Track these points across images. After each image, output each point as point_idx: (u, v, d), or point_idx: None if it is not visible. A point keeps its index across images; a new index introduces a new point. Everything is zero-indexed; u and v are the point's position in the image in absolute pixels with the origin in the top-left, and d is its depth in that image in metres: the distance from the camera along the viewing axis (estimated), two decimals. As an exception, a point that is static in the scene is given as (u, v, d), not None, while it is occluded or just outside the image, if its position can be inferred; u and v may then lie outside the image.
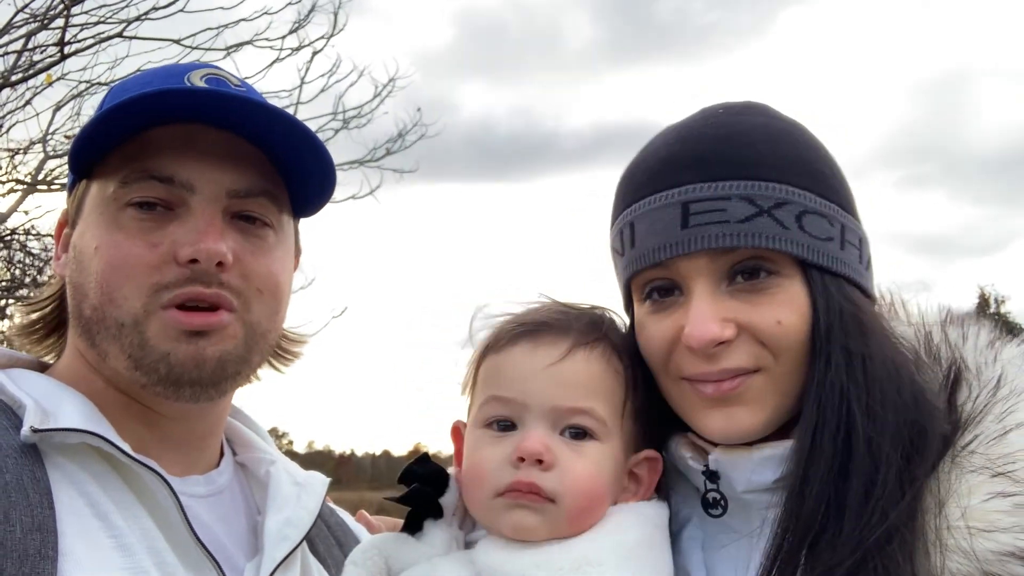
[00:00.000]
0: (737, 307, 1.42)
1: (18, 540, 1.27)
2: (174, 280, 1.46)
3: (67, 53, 8.30)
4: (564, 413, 1.46)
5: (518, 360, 1.50)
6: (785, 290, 1.43)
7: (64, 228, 1.63)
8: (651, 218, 1.47)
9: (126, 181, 1.49)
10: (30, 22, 8.28)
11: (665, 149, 1.51)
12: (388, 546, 1.54)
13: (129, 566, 1.36)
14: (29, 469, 1.36)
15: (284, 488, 1.65)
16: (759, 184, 1.43)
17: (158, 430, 1.55)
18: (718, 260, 1.43)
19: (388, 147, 10.62)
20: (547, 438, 1.45)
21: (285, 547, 1.56)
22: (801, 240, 1.43)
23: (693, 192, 1.44)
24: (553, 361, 1.48)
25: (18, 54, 8.39)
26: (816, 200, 1.46)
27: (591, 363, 1.49)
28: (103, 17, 8.41)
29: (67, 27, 8.18)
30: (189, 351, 1.46)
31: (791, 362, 1.43)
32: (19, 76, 8.43)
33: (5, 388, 1.48)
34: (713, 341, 1.40)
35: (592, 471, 1.45)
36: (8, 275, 10.12)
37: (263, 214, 1.57)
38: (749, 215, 1.42)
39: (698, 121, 1.54)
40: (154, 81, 1.59)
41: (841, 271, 1.46)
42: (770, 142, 1.48)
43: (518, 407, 1.48)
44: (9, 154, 9.60)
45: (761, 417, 1.44)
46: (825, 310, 1.43)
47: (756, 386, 1.43)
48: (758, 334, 1.42)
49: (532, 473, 1.43)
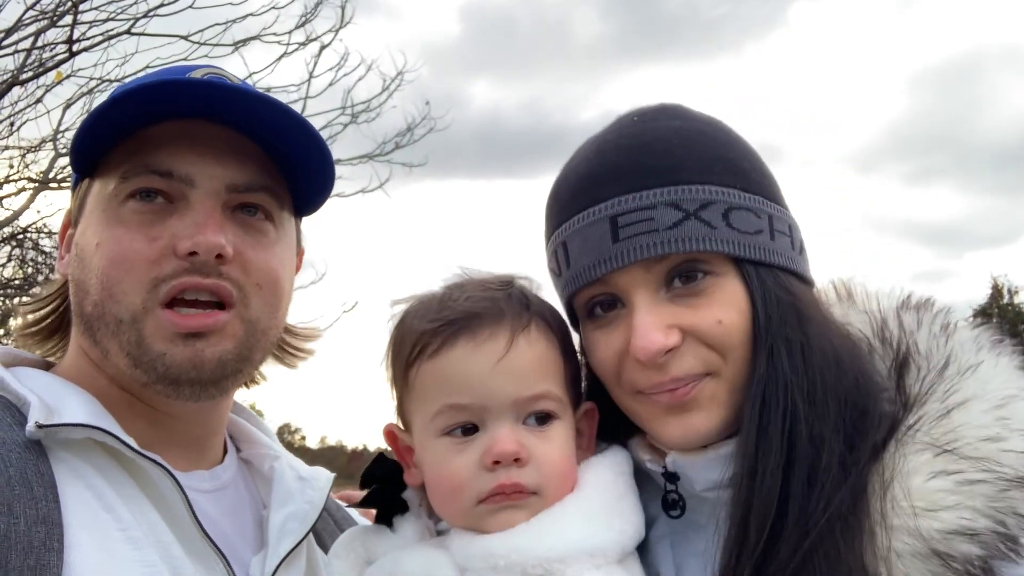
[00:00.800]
0: (678, 312, 1.43)
1: (23, 532, 1.27)
2: (172, 272, 1.45)
3: (76, 50, 8.31)
4: (525, 403, 1.45)
5: (463, 362, 1.45)
6: (722, 288, 1.44)
7: (68, 228, 1.63)
8: (582, 236, 1.47)
9: (126, 176, 1.49)
10: (39, 20, 8.30)
11: (584, 165, 1.52)
12: (367, 538, 1.55)
13: (137, 559, 1.36)
14: (34, 464, 1.36)
15: (288, 483, 1.65)
16: (682, 188, 1.44)
17: (162, 428, 1.55)
18: (652, 269, 1.44)
19: (397, 141, 10.60)
20: (515, 433, 1.43)
21: (290, 541, 1.56)
22: (730, 237, 1.44)
23: (619, 205, 1.44)
24: (500, 356, 1.44)
25: (27, 52, 8.41)
26: (740, 195, 1.47)
27: (534, 345, 1.48)
28: (112, 14, 8.42)
29: (76, 24, 8.20)
30: (186, 353, 1.45)
31: (738, 360, 1.44)
32: (29, 74, 8.45)
33: (9, 385, 1.48)
34: (660, 351, 1.41)
35: (562, 452, 1.47)
36: (21, 273, 10.16)
37: (263, 208, 1.56)
38: (676, 220, 1.42)
39: (613, 132, 1.54)
40: (158, 74, 1.60)
41: (774, 261, 1.47)
42: (687, 145, 1.49)
43: (477, 410, 1.44)
44: (20, 152, 9.63)
45: (716, 420, 1.44)
46: (763, 303, 1.44)
47: (708, 390, 1.44)
48: (702, 336, 1.43)
49: (512, 473, 1.42)
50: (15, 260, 10.19)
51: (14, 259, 10.17)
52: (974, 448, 1.31)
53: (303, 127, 1.53)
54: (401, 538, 1.52)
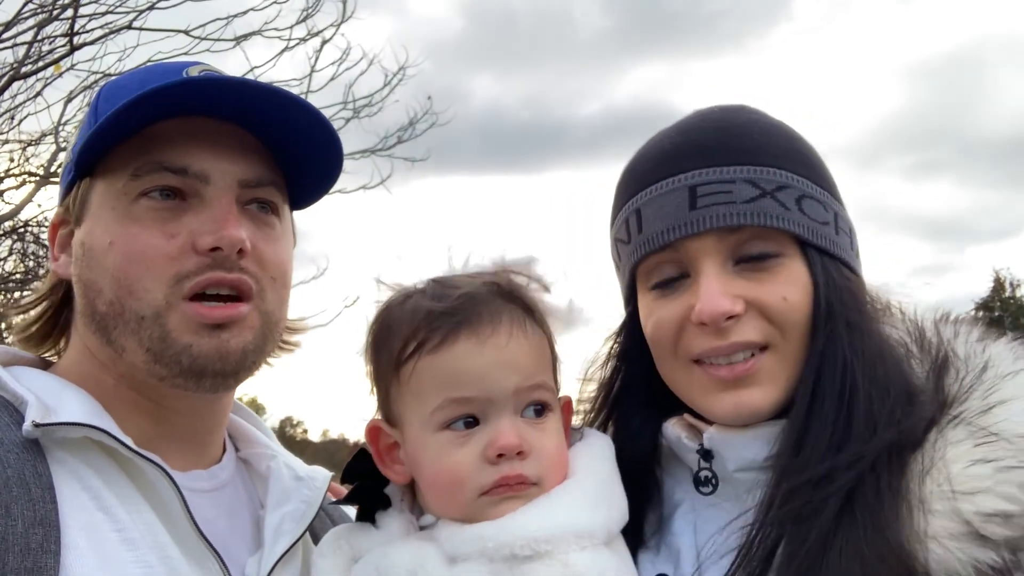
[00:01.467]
0: (744, 285, 1.48)
1: (20, 534, 1.27)
2: (195, 268, 1.47)
3: (77, 44, 8.30)
4: (526, 392, 1.48)
5: (469, 356, 1.46)
6: (788, 268, 1.50)
7: (59, 229, 1.61)
8: (658, 203, 1.53)
9: (137, 174, 1.49)
10: (39, 13, 8.28)
11: (668, 141, 1.59)
12: (351, 536, 1.55)
13: (133, 559, 1.37)
14: (31, 464, 1.35)
15: (285, 483, 1.65)
16: (761, 169, 1.51)
17: (163, 425, 1.55)
18: (725, 240, 1.50)
19: (399, 136, 10.60)
20: (516, 426, 1.46)
21: (286, 541, 1.56)
22: (802, 221, 1.51)
23: (699, 176, 1.51)
24: (504, 347, 1.47)
25: (28, 46, 8.39)
26: (812, 186, 1.54)
27: (530, 337, 1.51)
28: (112, 7, 8.40)
29: (76, 18, 8.18)
30: (212, 344, 1.47)
31: (796, 339, 1.49)
32: (29, 68, 8.44)
33: (7, 384, 1.47)
34: (724, 315, 1.46)
35: (557, 443, 1.51)
36: (22, 267, 10.16)
37: (271, 203, 1.58)
38: (753, 196, 1.49)
39: (696, 118, 1.63)
40: (150, 79, 1.58)
41: (837, 253, 1.54)
42: (766, 133, 1.57)
43: (481, 403, 1.46)
44: (21, 146, 9.63)
45: (772, 397, 1.49)
46: (825, 287, 1.50)
47: (767, 366, 1.48)
48: (765, 310, 1.48)
49: (515, 465, 1.44)
50: (16, 254, 10.19)
51: (15, 253, 10.17)
52: (1013, 440, 1.35)
53: (307, 110, 1.54)
54: (385, 534, 1.52)
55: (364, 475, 1.56)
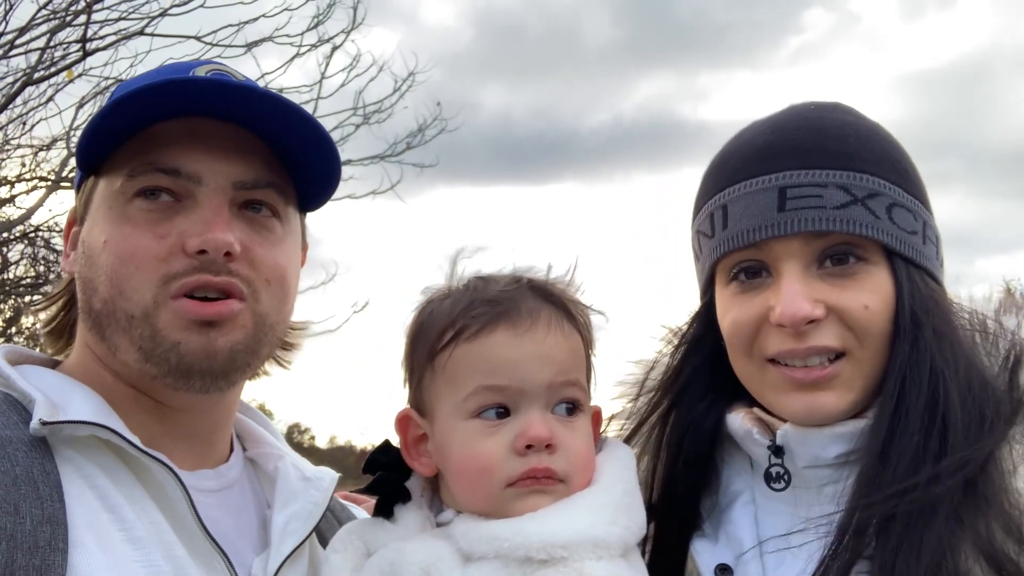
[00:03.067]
0: (826, 290, 1.48)
1: (28, 532, 1.27)
2: (183, 270, 1.46)
3: (89, 50, 8.36)
4: (560, 387, 1.48)
5: (505, 346, 1.47)
6: (872, 276, 1.50)
7: (73, 226, 1.63)
8: (747, 201, 1.53)
9: (132, 174, 1.49)
10: (52, 19, 8.34)
11: (761, 138, 1.58)
12: (365, 531, 1.55)
13: (139, 559, 1.37)
14: (39, 462, 1.36)
15: (292, 483, 1.65)
16: (854, 175, 1.50)
17: (168, 424, 1.55)
18: (811, 243, 1.49)
19: (408, 142, 10.64)
20: (548, 421, 1.46)
21: (292, 541, 1.56)
22: (890, 230, 1.50)
23: (790, 178, 1.51)
24: (540, 341, 1.48)
25: (40, 51, 8.46)
26: (903, 195, 1.53)
27: (567, 337, 1.51)
28: (124, 13, 8.47)
29: (89, 24, 8.24)
30: (200, 342, 1.46)
31: (874, 347, 1.49)
32: (41, 73, 8.50)
33: (15, 383, 1.48)
34: (805, 318, 1.46)
35: (587, 444, 1.51)
36: (33, 271, 10.22)
37: (268, 205, 1.57)
38: (844, 203, 1.48)
39: (791, 115, 1.61)
40: (162, 71, 1.60)
41: (922, 263, 1.53)
42: (861, 137, 1.55)
43: (513, 393, 1.46)
44: (33, 151, 9.69)
45: (847, 402, 1.50)
46: (910, 296, 1.49)
47: (844, 372, 1.49)
48: (845, 317, 1.48)
49: (544, 458, 1.44)
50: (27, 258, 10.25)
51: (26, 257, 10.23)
52: None
53: (308, 122, 1.53)
54: (402, 528, 1.52)
55: (386, 467, 1.56)
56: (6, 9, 8.35)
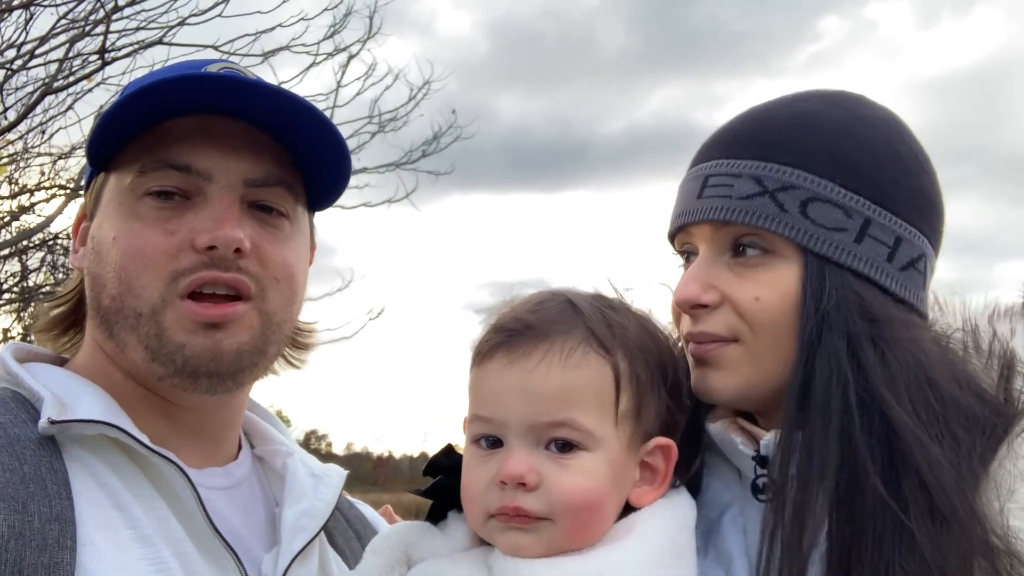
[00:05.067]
0: (726, 278, 1.48)
1: (36, 530, 1.27)
2: (191, 266, 1.46)
3: (108, 60, 8.42)
4: (543, 428, 1.38)
5: (493, 376, 1.42)
6: (774, 269, 1.46)
7: (82, 222, 1.63)
8: (684, 187, 1.59)
9: (143, 171, 1.49)
10: (71, 29, 8.42)
11: (723, 125, 1.61)
12: (410, 535, 1.51)
13: (148, 556, 1.36)
14: (47, 460, 1.36)
15: (301, 480, 1.64)
16: (770, 166, 1.48)
17: (176, 423, 1.55)
18: (720, 231, 1.50)
19: (424, 149, 10.66)
20: (530, 456, 1.37)
21: (302, 538, 1.55)
22: (799, 225, 1.45)
23: (714, 167, 1.53)
24: (525, 374, 1.39)
25: (60, 62, 8.53)
26: (834, 190, 1.45)
27: (567, 369, 1.38)
28: (143, 23, 8.53)
29: (108, 33, 8.31)
30: (206, 343, 1.46)
31: (769, 338, 1.45)
32: (61, 83, 8.57)
33: (23, 381, 1.48)
34: (690, 302, 1.49)
35: (581, 484, 1.37)
36: (52, 279, 10.30)
37: (279, 203, 1.56)
38: (751, 193, 1.47)
39: (763, 104, 1.60)
40: (173, 67, 1.61)
41: (847, 262, 1.44)
42: (804, 128, 1.49)
43: (499, 425, 1.41)
44: (52, 160, 9.78)
45: (732, 383, 1.48)
46: (816, 294, 1.42)
47: (729, 355, 1.48)
48: (735, 307, 1.47)
49: (517, 496, 1.37)
50: (47, 266, 10.32)
51: (46, 265, 10.30)
52: None
53: (319, 120, 1.53)
54: (450, 539, 1.48)
55: (447, 471, 1.50)
56: (26, 19, 8.44)
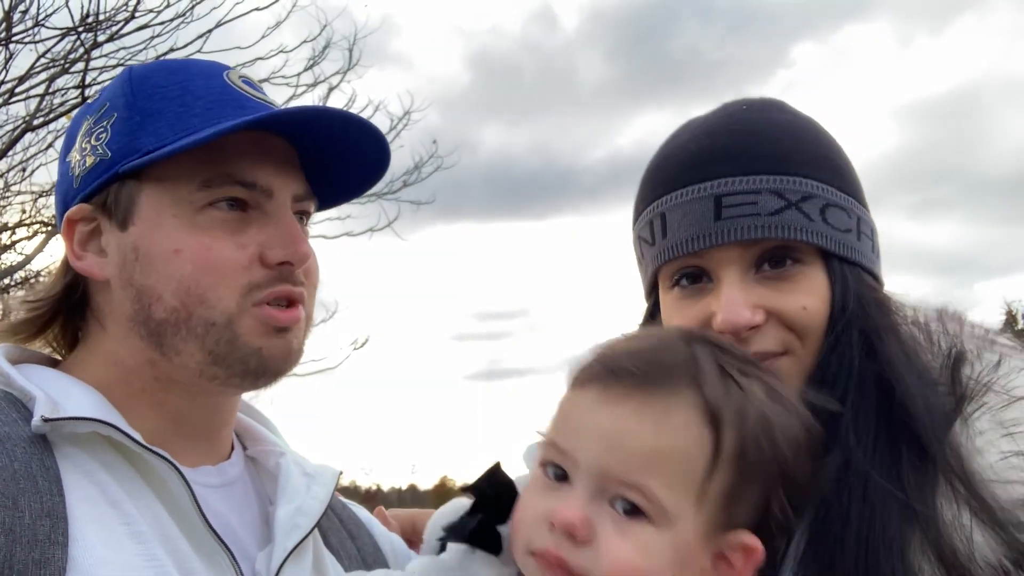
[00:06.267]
0: (765, 294, 1.50)
1: (27, 526, 1.27)
2: (264, 280, 1.51)
3: (88, 96, 8.45)
4: (614, 484, 1.26)
5: (582, 408, 1.33)
6: (809, 278, 1.52)
7: (78, 225, 1.57)
8: (683, 210, 1.54)
9: (208, 184, 1.51)
10: (50, 67, 8.45)
11: (694, 143, 1.59)
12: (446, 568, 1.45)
13: (141, 552, 1.35)
14: (38, 458, 1.35)
15: (294, 479, 1.65)
16: (787, 179, 1.52)
17: (174, 422, 1.55)
18: (749, 249, 1.51)
19: (405, 179, 10.73)
20: (590, 507, 1.26)
21: (296, 536, 1.55)
22: (824, 232, 1.52)
23: (725, 186, 1.52)
24: (614, 420, 1.27)
25: (40, 98, 8.55)
26: (836, 194, 1.55)
27: (660, 428, 1.26)
28: (122, 60, 8.57)
29: (87, 70, 8.34)
30: (281, 345, 1.53)
31: (814, 344, 1.50)
32: (41, 120, 8.58)
33: (15, 381, 1.47)
34: (746, 326, 1.48)
35: (635, 558, 1.24)
36: (33, 317, 10.21)
37: (310, 216, 1.67)
38: (778, 208, 1.50)
39: (723, 117, 1.62)
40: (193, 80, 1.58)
41: (857, 260, 1.55)
42: (794, 138, 1.57)
43: (570, 460, 1.30)
44: (33, 197, 9.75)
45: None
46: (842, 295, 1.51)
47: (783, 368, 1.49)
48: (784, 319, 1.50)
49: (563, 545, 1.25)
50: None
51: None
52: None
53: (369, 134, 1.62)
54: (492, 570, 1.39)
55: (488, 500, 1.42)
56: (6, 58, 8.46)
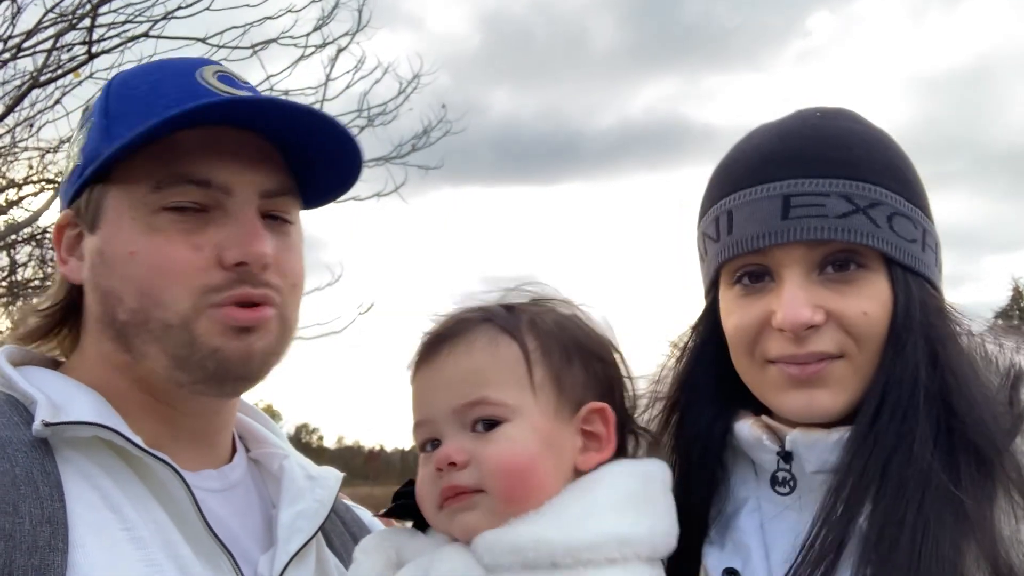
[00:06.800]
0: (827, 296, 1.51)
1: (27, 532, 1.26)
2: (223, 283, 1.47)
3: (95, 53, 8.38)
4: (463, 411, 1.46)
5: (416, 383, 1.52)
6: (872, 283, 1.52)
7: (65, 231, 1.58)
8: (751, 208, 1.55)
9: (160, 186, 1.47)
10: (58, 22, 8.36)
11: (766, 146, 1.60)
12: (400, 538, 1.54)
13: (142, 558, 1.35)
14: (39, 463, 1.35)
15: (298, 482, 1.64)
16: (857, 184, 1.53)
17: (173, 427, 1.54)
18: (814, 251, 1.52)
19: (413, 144, 10.63)
20: (460, 440, 1.45)
21: (299, 539, 1.54)
22: (890, 239, 1.53)
23: (794, 187, 1.53)
24: (438, 369, 1.49)
25: (47, 54, 8.48)
26: (905, 204, 1.56)
27: (472, 353, 1.48)
28: (130, 16, 8.48)
29: (94, 27, 8.26)
30: (240, 347, 1.48)
31: (871, 350, 1.51)
32: (48, 76, 8.52)
33: (16, 384, 1.47)
34: (805, 324, 1.49)
35: (507, 449, 1.43)
36: (41, 273, 10.25)
37: (288, 212, 1.59)
38: (846, 212, 1.51)
39: (796, 122, 1.63)
40: (163, 79, 1.56)
41: (920, 270, 1.56)
42: (866, 146, 1.58)
43: (431, 425, 1.49)
44: (40, 154, 9.72)
45: (841, 400, 1.52)
46: (905, 304, 1.52)
47: (838, 371, 1.51)
48: (844, 322, 1.50)
49: (451, 477, 1.43)
50: (35, 260, 10.27)
51: (34, 259, 10.25)
52: None
53: (332, 128, 1.55)
54: (437, 540, 1.50)
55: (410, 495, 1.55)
56: (13, 12, 8.38)
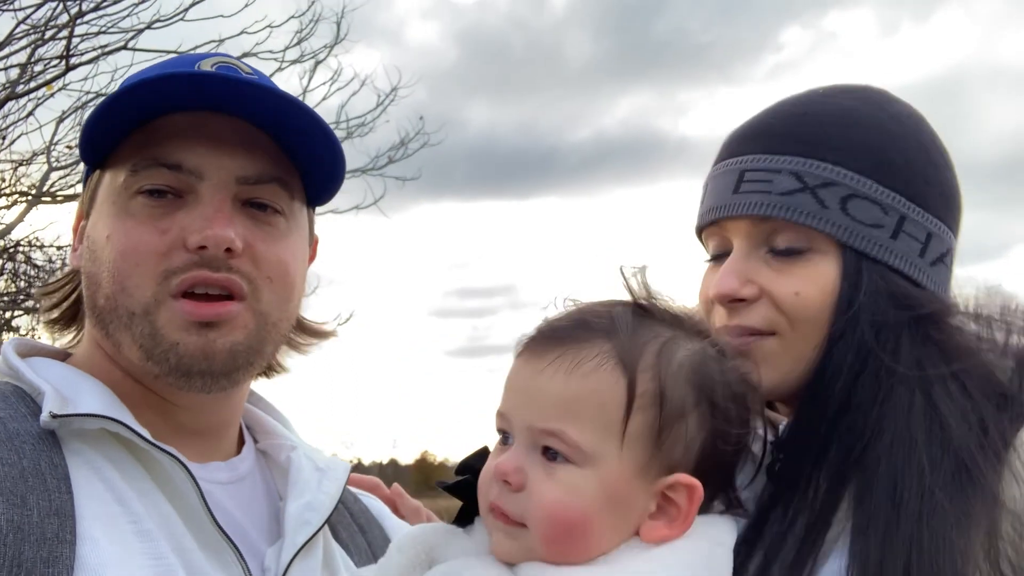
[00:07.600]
0: (765, 273, 1.50)
1: (35, 524, 1.26)
2: (182, 265, 1.44)
3: (71, 64, 8.32)
4: (536, 434, 1.34)
5: (513, 372, 1.42)
6: (814, 265, 1.48)
7: (81, 220, 1.61)
8: (715, 181, 1.59)
9: (135, 169, 1.48)
10: (32, 34, 8.31)
11: (753, 119, 1.61)
12: (436, 537, 1.47)
13: (148, 551, 1.35)
14: (47, 455, 1.34)
15: (305, 473, 1.63)
16: (810, 162, 1.50)
17: (174, 420, 1.54)
18: (758, 226, 1.51)
19: (391, 155, 10.66)
20: (524, 457, 1.34)
21: (306, 532, 1.53)
22: (839, 221, 1.47)
23: (750, 162, 1.55)
24: (534, 375, 1.36)
25: (22, 67, 8.42)
26: (872, 186, 1.49)
27: (572, 377, 1.33)
28: (104, 28, 8.45)
29: (71, 38, 8.21)
30: (199, 343, 1.44)
31: (807, 332, 1.47)
32: (23, 88, 8.45)
33: (24, 375, 1.46)
34: (729, 296, 1.49)
35: (559, 496, 1.30)
36: (13, 287, 10.13)
37: (274, 201, 1.54)
38: (791, 189, 1.49)
39: (794, 97, 1.62)
40: (164, 67, 1.58)
41: (883, 258, 1.48)
42: (842, 125, 1.52)
43: (507, 422, 1.39)
44: (12, 166, 9.63)
45: (768, 376, 1.47)
46: (852, 288, 1.46)
47: (767, 348, 1.49)
48: (775, 301, 1.49)
49: (503, 495, 1.34)
50: (8, 274, 10.16)
51: (7, 273, 10.14)
52: None
53: (309, 117, 1.51)
54: (474, 543, 1.43)
55: (477, 473, 1.45)
56: (-14, 24, 8.31)
